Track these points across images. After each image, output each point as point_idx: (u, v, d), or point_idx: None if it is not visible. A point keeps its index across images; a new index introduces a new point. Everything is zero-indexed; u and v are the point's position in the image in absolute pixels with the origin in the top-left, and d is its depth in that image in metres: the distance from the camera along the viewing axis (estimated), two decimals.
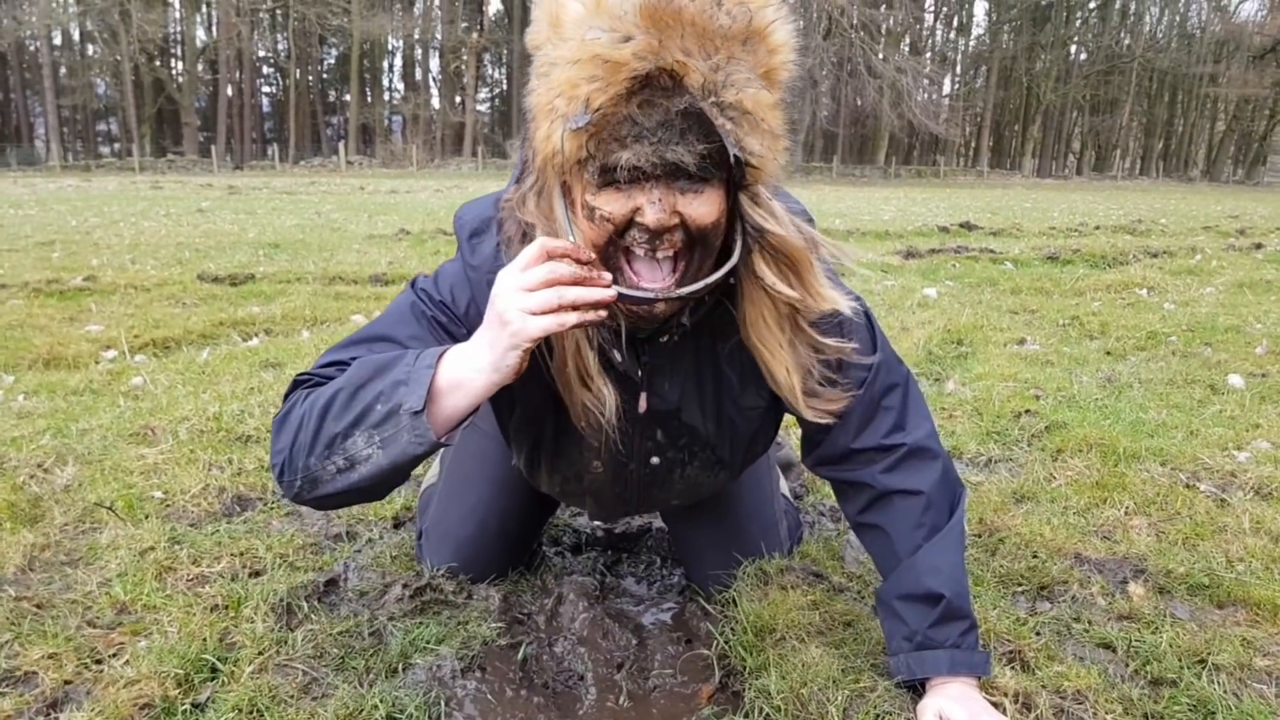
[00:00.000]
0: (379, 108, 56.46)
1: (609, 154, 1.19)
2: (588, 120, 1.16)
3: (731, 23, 1.16)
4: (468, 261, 1.48)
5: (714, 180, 1.25)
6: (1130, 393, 3.62)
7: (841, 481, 1.64)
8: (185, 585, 1.94)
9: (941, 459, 1.58)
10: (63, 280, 6.13)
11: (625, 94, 1.15)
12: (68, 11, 48.12)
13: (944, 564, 1.50)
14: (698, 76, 1.15)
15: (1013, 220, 13.79)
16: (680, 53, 1.14)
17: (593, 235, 1.27)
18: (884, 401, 1.57)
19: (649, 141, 1.17)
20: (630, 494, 1.76)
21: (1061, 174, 58.56)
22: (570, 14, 1.17)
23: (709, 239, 1.30)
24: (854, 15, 46.10)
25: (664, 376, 1.55)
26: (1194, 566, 2.07)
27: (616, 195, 1.24)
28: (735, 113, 1.17)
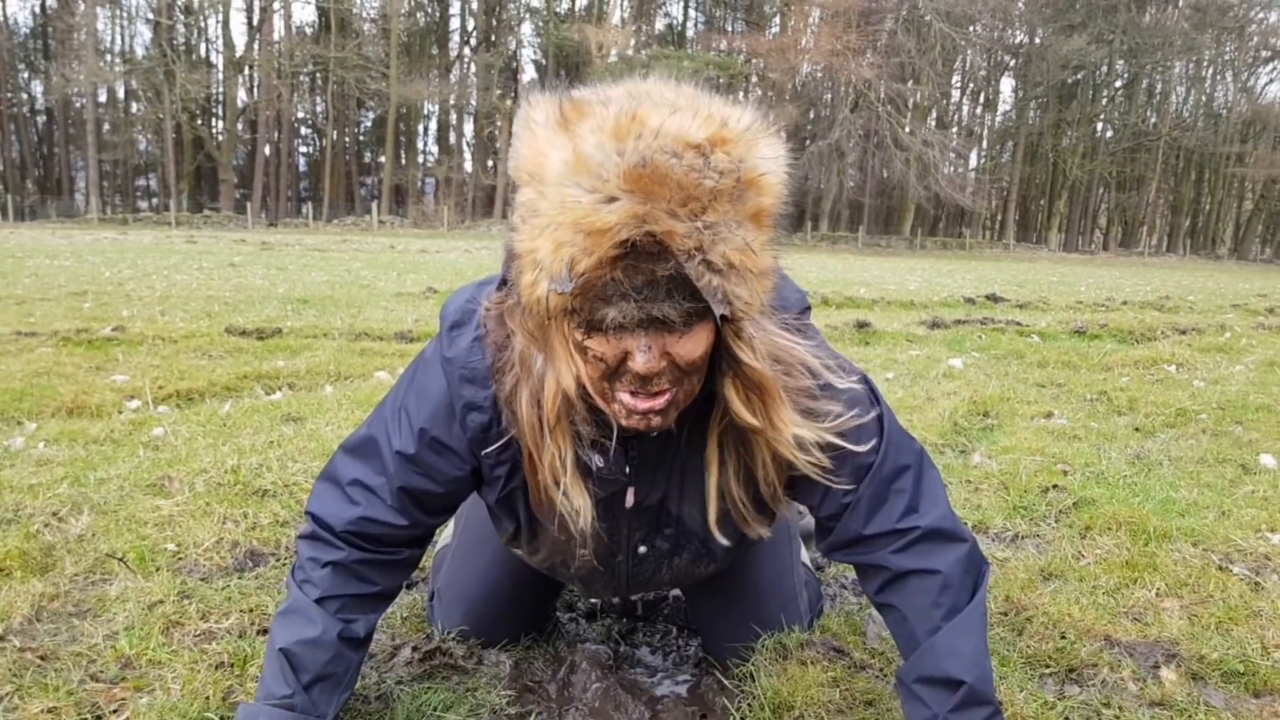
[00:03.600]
0: (413, 169, 57.44)
1: (594, 311, 1.18)
2: (572, 285, 1.14)
3: (719, 179, 1.12)
4: (444, 354, 1.50)
5: (704, 321, 1.24)
6: (1160, 470, 3.55)
7: (859, 564, 1.59)
8: (192, 641, 1.91)
9: (961, 539, 1.53)
10: (92, 330, 6.20)
11: (610, 260, 1.12)
12: (114, 70, 49.57)
13: (965, 647, 1.44)
14: (684, 240, 1.12)
15: (1039, 293, 13.75)
16: (666, 217, 1.10)
17: (588, 371, 1.28)
18: (895, 485, 1.52)
19: (634, 300, 1.16)
20: (619, 582, 1.74)
21: (1088, 249, 58.50)
22: (551, 165, 1.14)
23: (699, 368, 1.30)
24: (881, 89, 46.77)
25: (651, 470, 1.55)
26: (1228, 652, 2.00)
27: (606, 341, 1.23)
28: (722, 266, 1.15)
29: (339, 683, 1.54)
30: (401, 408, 1.56)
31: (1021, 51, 56.42)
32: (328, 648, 1.51)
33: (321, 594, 1.54)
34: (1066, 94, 58.01)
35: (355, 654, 1.58)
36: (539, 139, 1.17)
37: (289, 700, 1.47)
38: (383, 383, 4.92)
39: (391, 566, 1.61)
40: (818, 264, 25.08)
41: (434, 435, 1.52)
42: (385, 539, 1.58)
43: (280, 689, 1.48)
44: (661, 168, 1.09)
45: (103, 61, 48.84)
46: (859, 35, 46.18)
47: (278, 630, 1.52)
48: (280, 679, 1.48)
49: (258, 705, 1.47)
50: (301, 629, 1.51)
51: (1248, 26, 57.58)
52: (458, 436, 1.52)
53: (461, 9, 58.37)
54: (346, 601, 1.56)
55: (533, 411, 1.39)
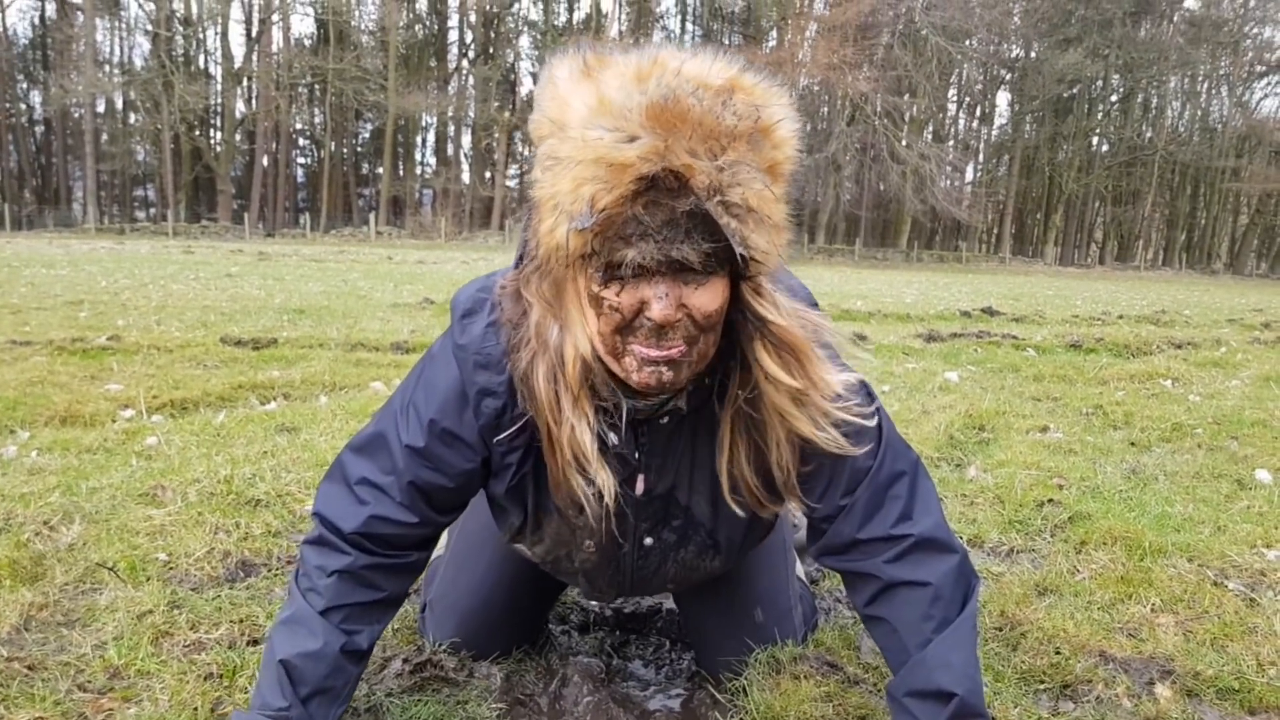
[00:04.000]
0: (410, 181, 57.54)
1: (614, 252, 1.19)
2: (593, 221, 1.15)
3: (738, 122, 1.16)
4: (455, 340, 1.50)
5: (719, 272, 1.25)
6: (1155, 485, 3.54)
7: (848, 572, 1.59)
8: (181, 651, 1.89)
9: (952, 550, 1.52)
10: (87, 339, 6.18)
11: (630, 195, 1.14)
12: (113, 81, 49.64)
13: (955, 659, 1.43)
14: (703, 177, 1.14)
15: (1035, 307, 13.77)
16: (686, 154, 1.13)
17: (601, 324, 1.28)
18: (891, 490, 1.52)
19: (654, 240, 1.17)
20: (623, 576, 1.72)
21: (1084, 263, 58.68)
22: (574, 111, 1.17)
23: (714, 325, 1.30)
24: (877, 103, 46.91)
25: (660, 457, 1.54)
26: (1223, 669, 1.99)
27: (623, 288, 1.24)
28: (740, 210, 1.17)
29: (336, 696, 1.53)
30: (410, 402, 1.55)
31: (1017, 66, 56.67)
32: (329, 661, 1.50)
33: (327, 604, 1.53)
34: (1062, 108, 58.26)
35: (356, 668, 1.57)
36: (561, 89, 1.20)
37: (285, 713, 1.46)
38: (378, 393, 4.90)
39: (399, 571, 1.60)
40: (814, 276, 25.12)
41: (444, 426, 1.51)
42: (394, 540, 1.57)
43: (277, 700, 1.46)
44: (683, 104, 1.12)
45: (101, 72, 48.94)
46: (856, 49, 46.34)
47: (278, 639, 1.51)
48: (277, 690, 1.47)
49: (252, 715, 1.46)
50: (303, 641, 1.50)
51: (1242, 41, 57.93)
52: (469, 426, 1.51)
53: (460, 22, 58.62)
54: (352, 611, 1.55)
55: (550, 386, 1.38)
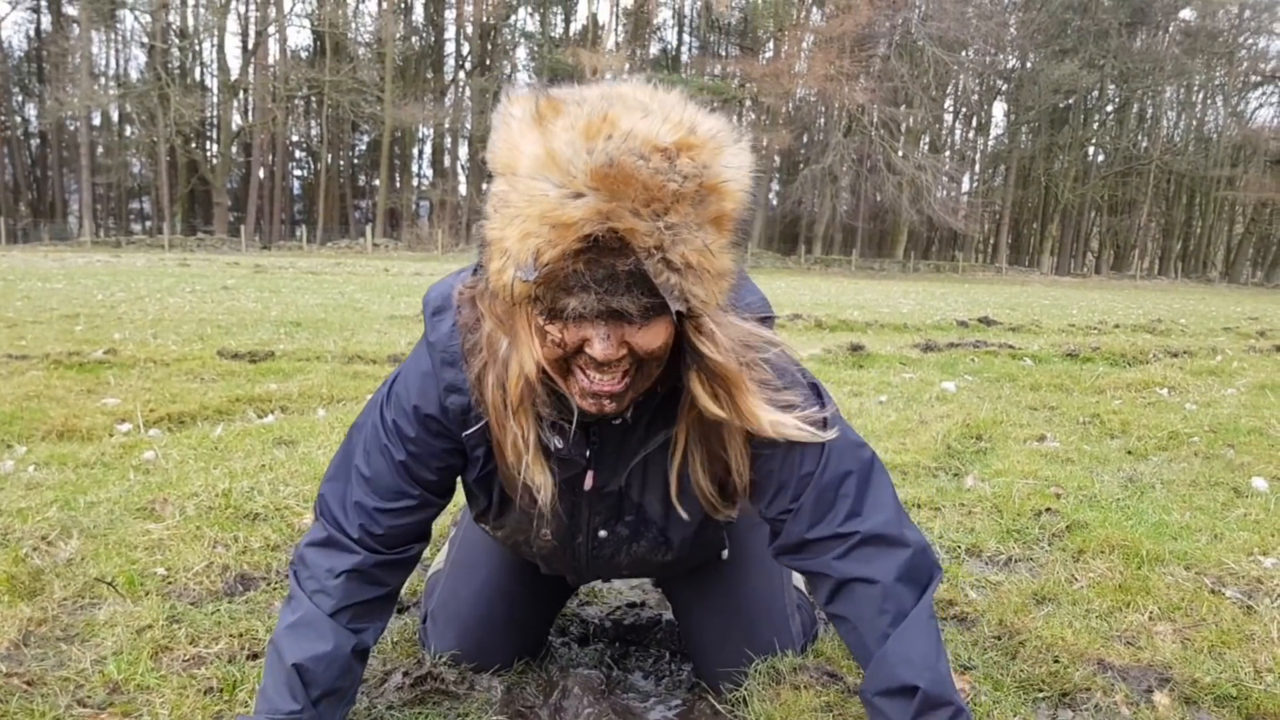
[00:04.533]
0: (407, 193, 57.54)
1: (556, 300, 1.23)
2: (536, 275, 1.19)
3: (682, 183, 1.17)
4: (428, 338, 1.56)
5: (660, 316, 1.28)
6: (1152, 494, 3.55)
7: (805, 571, 1.61)
8: (181, 666, 1.89)
9: (904, 545, 1.52)
10: (84, 353, 6.18)
11: (573, 253, 1.17)
12: (108, 94, 49.68)
13: (914, 653, 1.45)
14: (646, 238, 1.17)
15: (1032, 316, 13.80)
16: (630, 215, 1.15)
17: (546, 353, 1.33)
18: (840, 490, 1.53)
19: (594, 293, 1.21)
20: (579, 563, 1.78)
21: (1080, 272, 58.76)
22: (524, 158, 1.19)
23: (659, 357, 1.35)
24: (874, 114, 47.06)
25: (613, 457, 1.59)
26: (1221, 676, 2.00)
27: (566, 327, 1.28)
28: (680, 267, 1.20)
29: (344, 697, 1.57)
30: (394, 393, 1.61)
31: (1013, 76, 56.89)
32: (340, 663, 1.54)
33: (336, 605, 1.56)
34: (1058, 118, 58.45)
35: (361, 666, 1.62)
36: (513, 133, 1.21)
37: (297, 715, 1.48)
38: None
39: (403, 565, 1.66)
40: (811, 287, 25.15)
41: (426, 413, 1.57)
42: (397, 533, 1.61)
43: (287, 704, 1.48)
44: (628, 168, 1.13)
45: (97, 85, 48.91)
46: (852, 60, 46.54)
47: (286, 643, 1.52)
48: (288, 694, 1.49)
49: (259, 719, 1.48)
50: (314, 644, 1.52)
51: (1237, 51, 58.20)
52: (443, 417, 1.56)
53: (456, 33, 58.83)
54: (359, 609, 1.59)
55: (498, 394, 1.44)
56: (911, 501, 3.36)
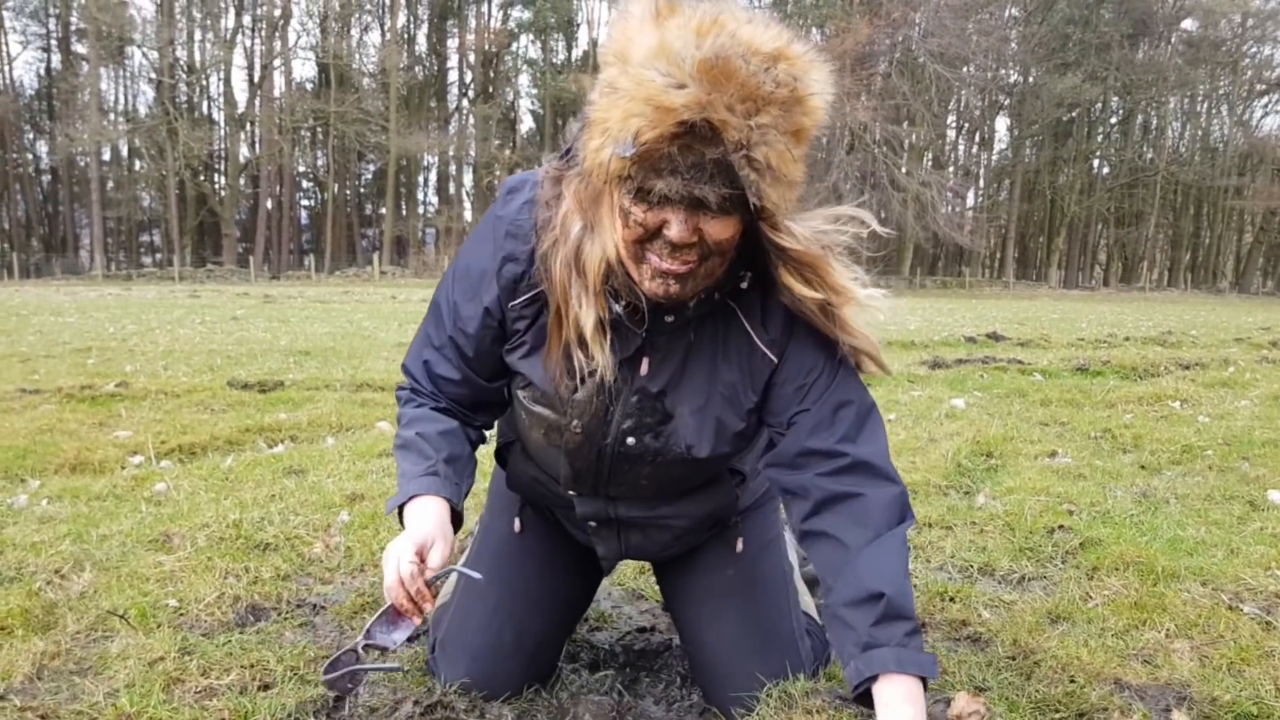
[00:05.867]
0: (413, 220, 57.79)
1: (646, 180, 1.34)
2: (633, 151, 1.30)
3: (776, 88, 1.29)
4: (496, 212, 1.68)
5: (734, 212, 1.39)
6: (1167, 509, 3.52)
7: (788, 490, 1.66)
8: (193, 698, 1.89)
9: (891, 480, 1.61)
10: (96, 386, 6.21)
11: (669, 136, 1.28)
12: (118, 129, 50.13)
13: (885, 566, 1.51)
14: (735, 133, 1.28)
15: (1040, 331, 13.75)
16: (724, 109, 1.26)
17: (625, 234, 1.44)
18: (839, 413, 1.64)
19: (681, 178, 1.32)
20: (601, 470, 1.79)
21: (1088, 285, 58.62)
22: (638, 49, 1.30)
23: (724, 253, 1.47)
24: (877, 131, 47.13)
25: (662, 353, 1.64)
26: (1240, 694, 1.97)
27: (649, 209, 1.39)
28: (761, 166, 1.31)
29: (465, 469, 1.77)
30: (454, 266, 1.75)
31: (1016, 91, 56.97)
32: (457, 434, 1.76)
33: (436, 406, 1.78)
34: (1062, 132, 58.49)
35: (473, 452, 1.83)
36: (631, 26, 1.34)
37: (431, 467, 1.67)
38: (384, 432, 4.91)
39: (472, 425, 1.84)
40: None
41: (475, 283, 1.69)
42: (456, 396, 1.79)
43: (419, 463, 1.68)
44: (730, 64, 1.26)
45: (106, 121, 49.35)
46: (854, 78, 46.64)
47: (408, 433, 1.73)
48: (418, 457, 1.69)
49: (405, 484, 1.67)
50: (432, 424, 1.74)
51: (1241, 60, 58.22)
52: (491, 287, 1.67)
53: (459, 62, 59.28)
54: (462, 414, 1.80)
55: (564, 271, 1.54)
56: (923, 520, 3.34)
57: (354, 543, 2.96)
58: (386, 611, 1.62)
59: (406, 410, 1.79)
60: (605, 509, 1.89)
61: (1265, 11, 54.94)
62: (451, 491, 1.68)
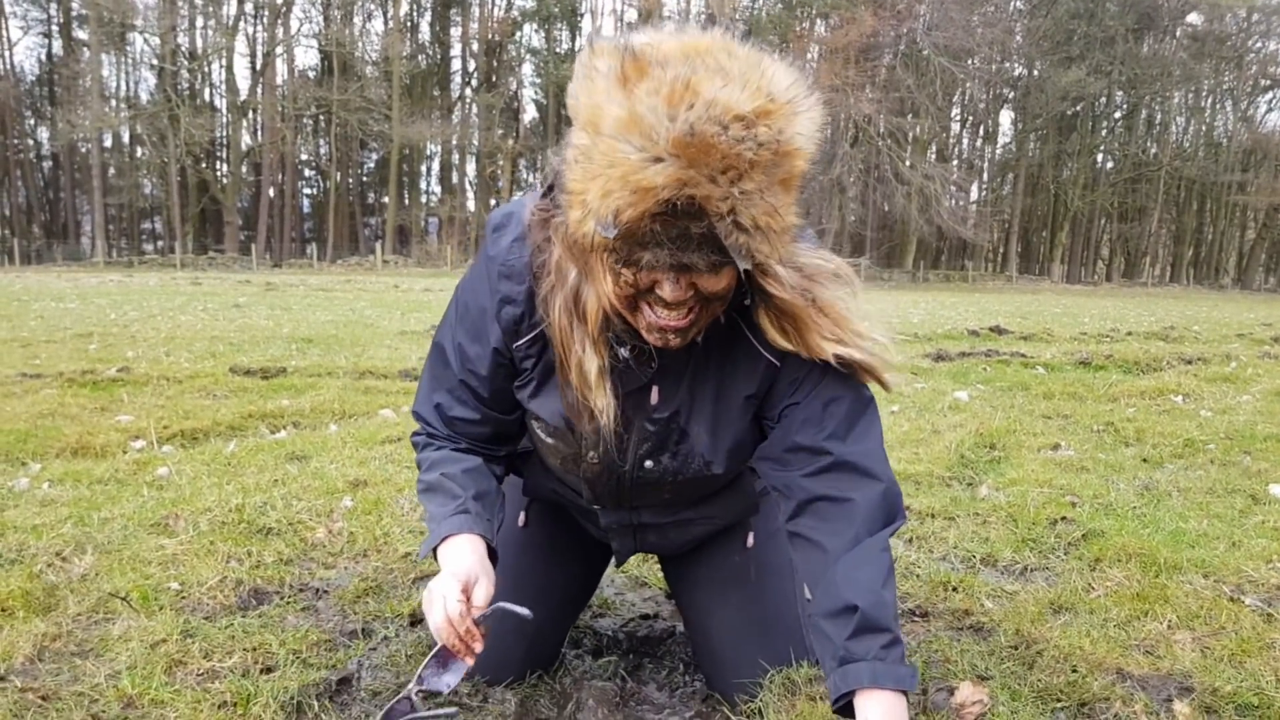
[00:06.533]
0: (416, 209, 57.76)
1: (632, 252, 1.31)
2: (615, 232, 1.26)
3: (758, 151, 1.21)
4: (487, 252, 1.64)
5: (728, 265, 1.34)
6: (1169, 501, 3.52)
7: (775, 487, 1.66)
8: (195, 680, 1.89)
9: (876, 479, 1.56)
10: (97, 371, 6.21)
11: (650, 214, 1.24)
12: (119, 115, 50.06)
13: (861, 576, 1.48)
14: (719, 205, 1.22)
15: (1043, 325, 13.75)
16: (707, 182, 1.20)
17: (616, 292, 1.39)
18: (829, 408, 1.60)
19: (667, 249, 1.28)
20: (623, 491, 1.78)
21: (1091, 280, 58.59)
22: (607, 118, 1.23)
23: (722, 298, 1.43)
24: (881, 124, 47.09)
25: (669, 377, 1.64)
26: (1242, 685, 1.97)
27: (638, 272, 1.35)
28: (749, 228, 1.26)
29: (495, 503, 1.75)
30: (454, 305, 1.72)
31: (1020, 84, 56.87)
32: (483, 472, 1.74)
33: (455, 447, 1.76)
34: (1066, 126, 58.36)
35: (499, 486, 1.81)
36: (598, 90, 1.26)
37: (461, 506, 1.64)
38: (387, 420, 4.91)
39: (496, 458, 1.82)
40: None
41: (477, 326, 1.67)
42: (476, 435, 1.76)
43: (448, 504, 1.65)
44: (708, 138, 1.18)
45: (108, 107, 49.29)
46: (858, 71, 46.58)
47: (432, 476, 1.71)
48: (445, 498, 1.66)
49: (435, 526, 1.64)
50: (456, 464, 1.72)
51: (1246, 55, 58.06)
52: (495, 328, 1.65)
53: (463, 51, 59.14)
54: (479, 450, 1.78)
55: (564, 317, 1.51)
56: (926, 511, 3.34)
57: (357, 528, 2.96)
58: (438, 654, 1.57)
59: (426, 455, 1.76)
60: (629, 517, 1.89)
61: (1271, 6, 54.78)
62: (484, 528, 1.65)
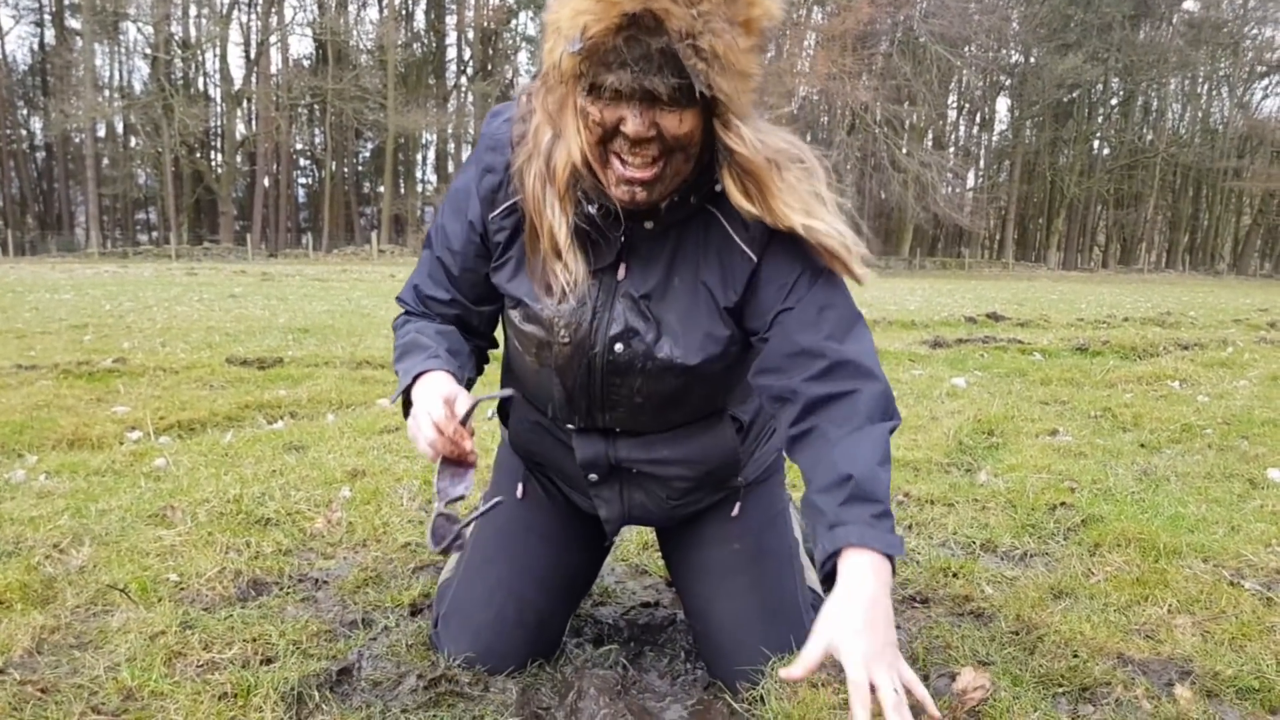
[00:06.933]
0: (411, 198, 57.65)
1: (597, 75, 1.38)
2: (580, 46, 1.35)
3: None
4: (482, 133, 1.74)
5: (689, 106, 1.42)
6: (1168, 486, 3.53)
7: (777, 397, 1.65)
8: (195, 671, 1.88)
9: (876, 379, 1.60)
10: (93, 362, 6.19)
11: (614, 28, 1.32)
12: (113, 105, 49.85)
13: (860, 452, 1.50)
14: (678, 22, 1.31)
15: (1040, 311, 13.75)
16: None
17: (586, 136, 1.47)
18: (824, 313, 1.63)
19: (630, 70, 1.35)
20: (594, 382, 1.76)
21: (1087, 266, 58.59)
22: None
23: (685, 147, 1.48)
24: (877, 111, 46.99)
25: (641, 259, 1.68)
26: (1242, 668, 1.98)
27: (605, 106, 1.42)
28: (708, 55, 1.34)
29: (468, 361, 1.80)
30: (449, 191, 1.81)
31: (1017, 71, 56.75)
32: (454, 334, 1.79)
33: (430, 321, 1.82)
34: (1062, 113, 58.28)
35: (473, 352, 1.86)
36: None
37: (433, 354, 1.68)
38: (384, 410, 4.90)
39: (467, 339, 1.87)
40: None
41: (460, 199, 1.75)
42: (447, 319, 1.83)
43: (419, 355, 1.68)
44: None
45: (101, 97, 49.07)
46: (855, 58, 46.44)
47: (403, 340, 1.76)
48: (417, 351, 1.69)
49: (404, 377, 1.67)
50: (424, 328, 1.77)
51: (1242, 42, 57.95)
52: (474, 200, 1.73)
53: (458, 39, 58.93)
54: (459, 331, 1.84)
55: (537, 184, 1.58)
56: (924, 498, 3.34)
57: (355, 518, 2.96)
58: (442, 472, 1.61)
59: (402, 329, 1.82)
60: (605, 450, 1.87)
61: None
62: (457, 370, 1.69)
